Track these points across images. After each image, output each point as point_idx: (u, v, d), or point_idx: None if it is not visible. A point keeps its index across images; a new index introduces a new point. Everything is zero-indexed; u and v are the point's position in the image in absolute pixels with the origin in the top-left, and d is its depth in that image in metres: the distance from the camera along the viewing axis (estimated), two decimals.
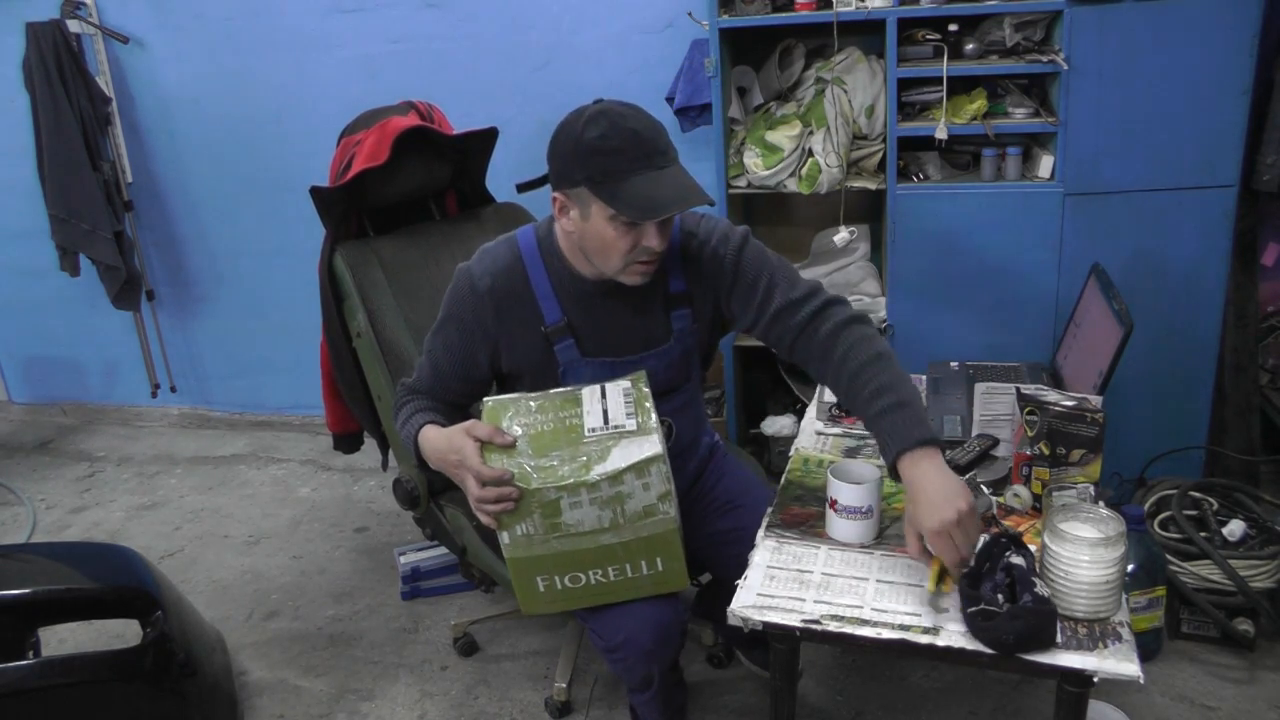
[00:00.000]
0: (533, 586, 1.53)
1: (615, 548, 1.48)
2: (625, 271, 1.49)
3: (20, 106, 3.19)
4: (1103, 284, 1.85)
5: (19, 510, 3.17)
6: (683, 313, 1.62)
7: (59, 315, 3.69)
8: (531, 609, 1.57)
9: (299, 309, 3.42)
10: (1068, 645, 1.24)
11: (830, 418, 1.93)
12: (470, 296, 1.58)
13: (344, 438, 2.40)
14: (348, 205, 2.12)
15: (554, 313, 1.58)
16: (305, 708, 2.14)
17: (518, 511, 1.44)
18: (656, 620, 1.57)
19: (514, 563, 1.50)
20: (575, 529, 1.46)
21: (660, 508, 1.45)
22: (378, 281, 2.09)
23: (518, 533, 1.46)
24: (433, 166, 2.24)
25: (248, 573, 2.69)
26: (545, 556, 1.49)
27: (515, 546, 1.48)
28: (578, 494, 1.42)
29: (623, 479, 1.42)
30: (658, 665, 1.64)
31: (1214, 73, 2.14)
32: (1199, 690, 1.99)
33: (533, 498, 1.43)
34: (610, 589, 1.54)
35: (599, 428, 1.47)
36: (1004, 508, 1.54)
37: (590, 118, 1.42)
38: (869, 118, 2.43)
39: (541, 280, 1.57)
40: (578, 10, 2.84)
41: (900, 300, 2.47)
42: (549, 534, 1.46)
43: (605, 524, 1.45)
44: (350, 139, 2.16)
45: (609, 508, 1.44)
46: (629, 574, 1.52)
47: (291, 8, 3.05)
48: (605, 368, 1.60)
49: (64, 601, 1.89)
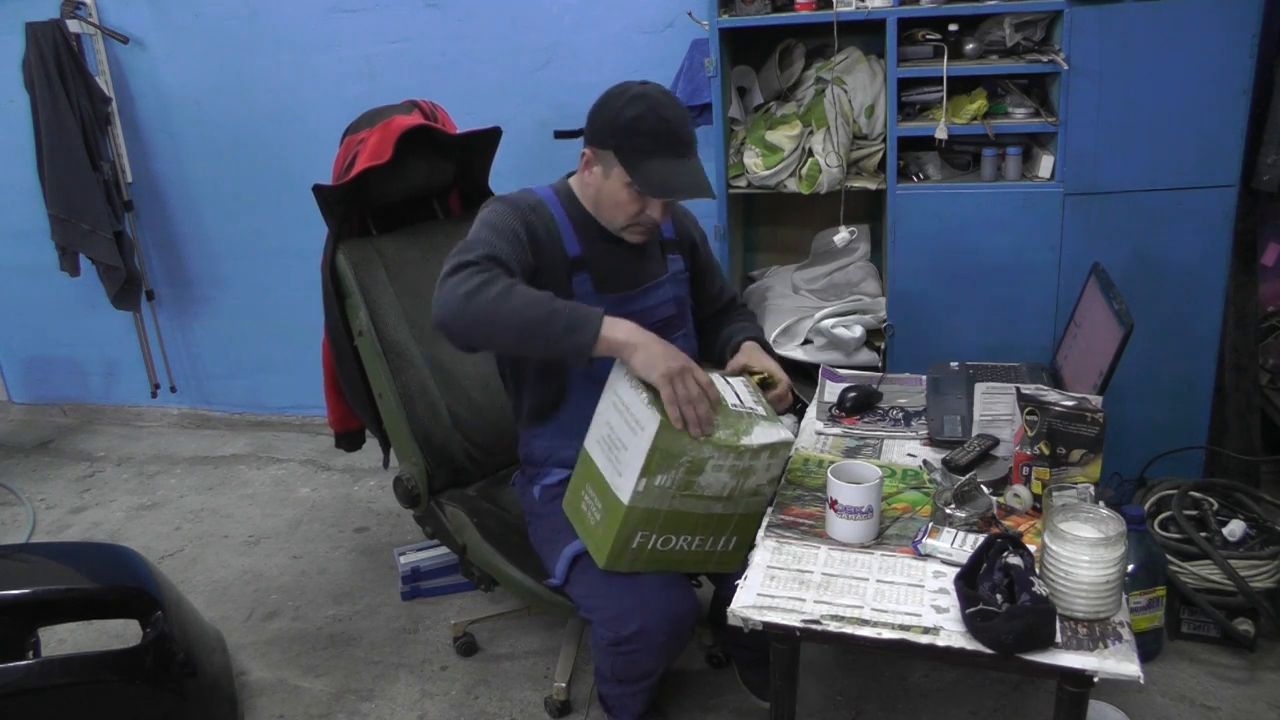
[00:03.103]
0: (629, 541, 1.53)
1: (718, 519, 1.56)
2: (626, 230, 1.70)
3: (20, 106, 3.20)
4: (1103, 284, 1.85)
5: (19, 510, 3.17)
6: (675, 256, 1.87)
7: (59, 315, 3.69)
8: (612, 563, 1.56)
9: (299, 309, 3.42)
10: (1068, 645, 1.24)
11: (830, 418, 1.93)
12: (525, 203, 1.69)
13: (345, 436, 2.40)
14: (350, 204, 2.13)
15: (575, 246, 1.72)
16: (305, 708, 2.14)
17: (669, 461, 1.45)
18: (670, 613, 1.58)
19: (631, 511, 1.49)
20: (703, 492, 1.51)
21: (765, 489, 1.57)
22: (380, 280, 2.09)
23: (655, 482, 1.47)
24: (436, 165, 2.24)
25: (248, 573, 2.70)
26: (662, 512, 1.51)
27: (644, 495, 1.48)
28: (725, 458, 1.48)
29: (760, 455, 1.50)
30: (666, 659, 1.65)
31: (1214, 73, 2.14)
32: (1199, 690, 1.99)
33: (690, 449, 1.45)
34: (686, 557, 1.60)
35: (738, 405, 1.56)
36: (1004, 508, 1.54)
37: (632, 97, 1.61)
38: (869, 118, 2.43)
39: (563, 217, 1.73)
40: (578, 10, 2.84)
41: (900, 300, 2.47)
42: (680, 490, 1.49)
43: (725, 493, 1.53)
44: (354, 138, 2.16)
45: (737, 477, 1.51)
46: (708, 547, 1.60)
47: (291, 8, 3.05)
48: (616, 304, 1.71)
49: (64, 601, 1.89)
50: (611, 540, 1.53)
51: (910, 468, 1.71)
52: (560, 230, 1.71)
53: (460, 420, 2.12)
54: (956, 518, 1.48)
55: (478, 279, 1.49)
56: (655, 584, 1.59)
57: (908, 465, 1.72)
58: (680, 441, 1.44)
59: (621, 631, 1.57)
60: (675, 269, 1.86)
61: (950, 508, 1.49)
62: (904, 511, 1.57)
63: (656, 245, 1.84)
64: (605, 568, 1.56)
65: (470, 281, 1.49)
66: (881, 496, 1.50)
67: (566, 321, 1.47)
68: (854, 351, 2.48)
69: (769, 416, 1.57)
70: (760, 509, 1.58)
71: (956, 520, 1.48)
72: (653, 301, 1.79)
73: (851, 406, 1.94)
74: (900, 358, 2.45)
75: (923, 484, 1.65)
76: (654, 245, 1.83)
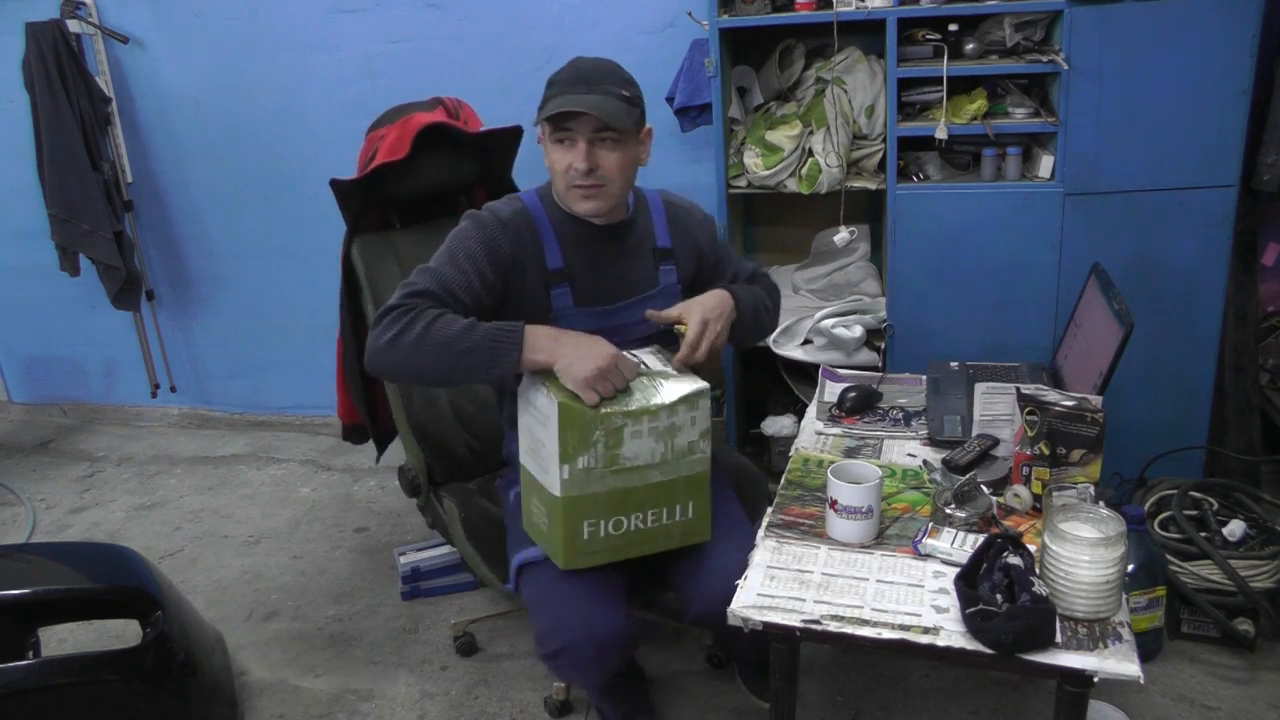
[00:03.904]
0: (579, 533, 1.54)
1: (660, 487, 1.55)
2: (569, 195, 1.64)
3: (20, 106, 3.19)
4: (1103, 284, 1.85)
5: (19, 510, 3.17)
6: (669, 267, 1.78)
7: (59, 315, 3.69)
8: (573, 561, 1.56)
9: (299, 309, 3.42)
10: (1068, 645, 1.24)
11: (830, 418, 1.93)
12: (494, 222, 1.65)
13: (353, 429, 2.41)
14: (366, 198, 2.15)
15: (556, 258, 1.68)
16: (305, 708, 2.14)
17: (583, 440, 1.47)
18: (593, 632, 1.56)
19: (568, 503, 1.50)
20: (631, 462, 1.51)
21: (700, 445, 1.56)
22: (391, 274, 2.11)
23: (578, 465, 1.48)
24: (456, 163, 2.25)
25: (248, 573, 2.69)
26: (599, 495, 1.51)
27: (573, 483, 1.49)
28: (640, 422, 1.49)
29: (677, 410, 1.51)
30: (599, 675, 1.65)
31: (1214, 73, 2.14)
32: (1199, 690, 1.99)
33: (598, 424, 1.46)
34: (646, 537, 1.58)
35: (645, 371, 1.58)
36: (1004, 508, 1.54)
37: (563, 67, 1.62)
38: (869, 118, 2.43)
39: (546, 225, 1.68)
40: (578, 10, 2.84)
41: (900, 300, 2.47)
42: (607, 467, 1.50)
43: (656, 459, 1.53)
44: (375, 133, 2.20)
45: (663, 440, 1.52)
46: (664, 520, 1.58)
47: (291, 8, 3.05)
48: (595, 317, 1.69)
49: (64, 601, 1.89)
50: (561, 538, 1.54)
51: (910, 468, 1.71)
52: (543, 239, 1.67)
53: (463, 414, 2.13)
54: (956, 518, 1.48)
55: (396, 326, 1.52)
56: (582, 604, 1.58)
57: (908, 465, 1.72)
58: (584, 415, 1.45)
59: (547, 647, 1.59)
60: (668, 281, 1.77)
61: (950, 508, 1.49)
62: (904, 511, 1.57)
63: (649, 254, 1.76)
64: (566, 567, 1.57)
65: (390, 330, 1.53)
66: (881, 496, 1.50)
67: (487, 355, 1.51)
68: (854, 351, 2.48)
69: (679, 374, 1.57)
70: (704, 468, 1.58)
71: (956, 520, 1.48)
72: (636, 317, 1.71)
73: (851, 406, 1.94)
74: (900, 358, 2.45)
75: (923, 484, 1.65)
76: (645, 255, 1.75)
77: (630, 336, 1.70)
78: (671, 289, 1.77)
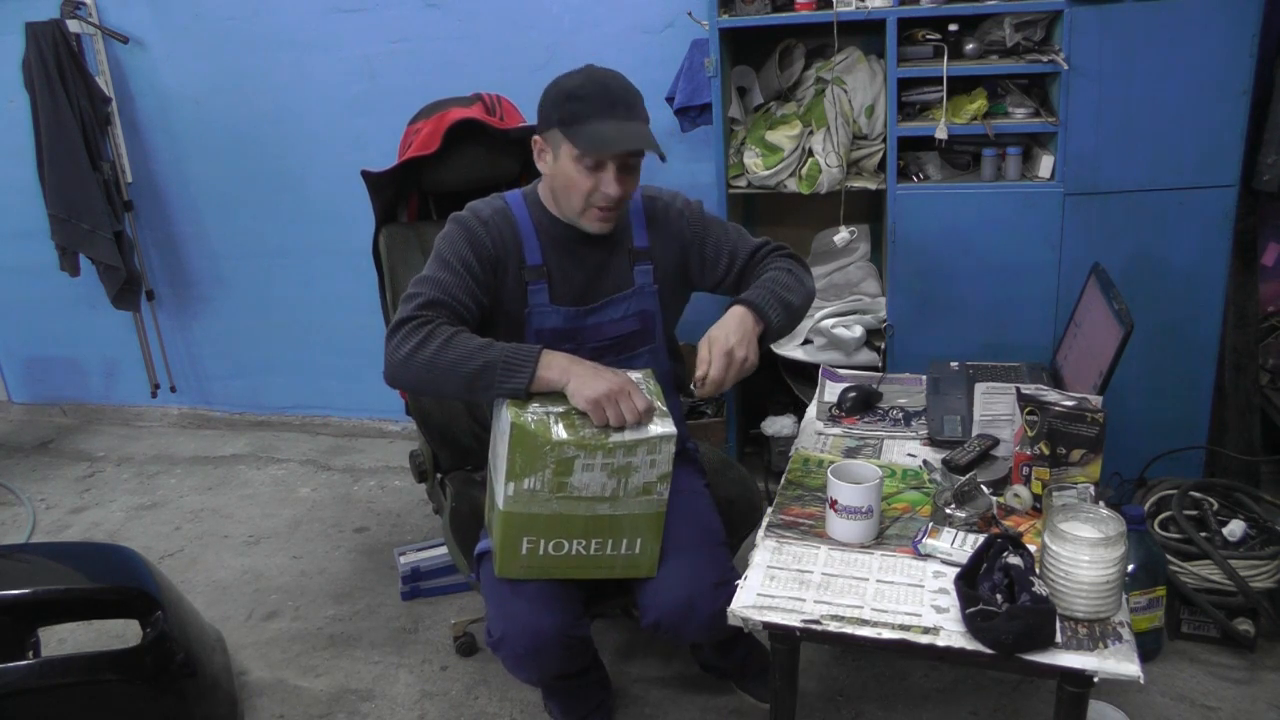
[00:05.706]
0: (516, 547, 1.54)
1: (607, 520, 1.53)
2: (584, 215, 1.63)
3: (20, 106, 3.20)
4: (1103, 284, 1.85)
5: (19, 510, 3.17)
6: (645, 267, 1.76)
7: (59, 315, 3.69)
8: (507, 571, 1.58)
9: (299, 309, 3.42)
10: (1068, 645, 1.24)
11: (830, 418, 1.93)
12: (475, 221, 1.67)
13: None
14: (397, 190, 2.21)
15: (534, 254, 1.69)
16: (305, 708, 2.14)
17: (531, 463, 1.46)
18: (531, 627, 1.57)
19: (507, 517, 1.51)
20: (579, 493, 1.49)
21: (658, 488, 1.52)
22: (413, 263, 2.14)
23: (524, 486, 1.48)
24: (494, 158, 2.27)
25: (248, 573, 2.69)
26: (541, 516, 1.51)
27: (516, 500, 1.49)
28: (593, 456, 1.47)
29: (636, 451, 1.48)
30: (535, 671, 1.67)
31: (1214, 73, 2.14)
32: (1199, 690, 1.99)
33: (550, 451, 1.45)
34: (587, 563, 1.58)
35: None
36: (1004, 508, 1.54)
37: (573, 72, 1.61)
38: (869, 118, 2.43)
39: (526, 223, 1.69)
40: (578, 10, 2.84)
41: (900, 300, 2.47)
42: (553, 493, 1.49)
43: (606, 493, 1.51)
44: (412, 127, 2.26)
45: (615, 477, 1.49)
46: (608, 550, 1.57)
47: (291, 8, 3.05)
48: (570, 316, 1.71)
49: (64, 601, 1.89)
50: (499, 547, 1.56)
51: (910, 468, 1.71)
52: (522, 237, 1.68)
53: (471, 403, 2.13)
54: (956, 518, 1.48)
55: (415, 339, 1.53)
56: (526, 599, 1.59)
57: (908, 465, 1.72)
58: (536, 439, 1.45)
59: (490, 636, 1.61)
60: (643, 281, 1.75)
61: (950, 508, 1.49)
62: (904, 511, 1.57)
63: (624, 257, 1.75)
64: (500, 575, 1.59)
65: (409, 342, 1.54)
66: (881, 496, 1.50)
67: (502, 371, 1.51)
68: (854, 351, 2.48)
69: (656, 411, 1.53)
70: (659, 509, 1.55)
71: (956, 520, 1.48)
72: (612, 316, 1.73)
73: (851, 406, 1.94)
74: (900, 358, 2.46)
75: (923, 484, 1.65)
76: (621, 257, 1.74)
77: (604, 336, 1.73)
78: (647, 289, 1.76)
